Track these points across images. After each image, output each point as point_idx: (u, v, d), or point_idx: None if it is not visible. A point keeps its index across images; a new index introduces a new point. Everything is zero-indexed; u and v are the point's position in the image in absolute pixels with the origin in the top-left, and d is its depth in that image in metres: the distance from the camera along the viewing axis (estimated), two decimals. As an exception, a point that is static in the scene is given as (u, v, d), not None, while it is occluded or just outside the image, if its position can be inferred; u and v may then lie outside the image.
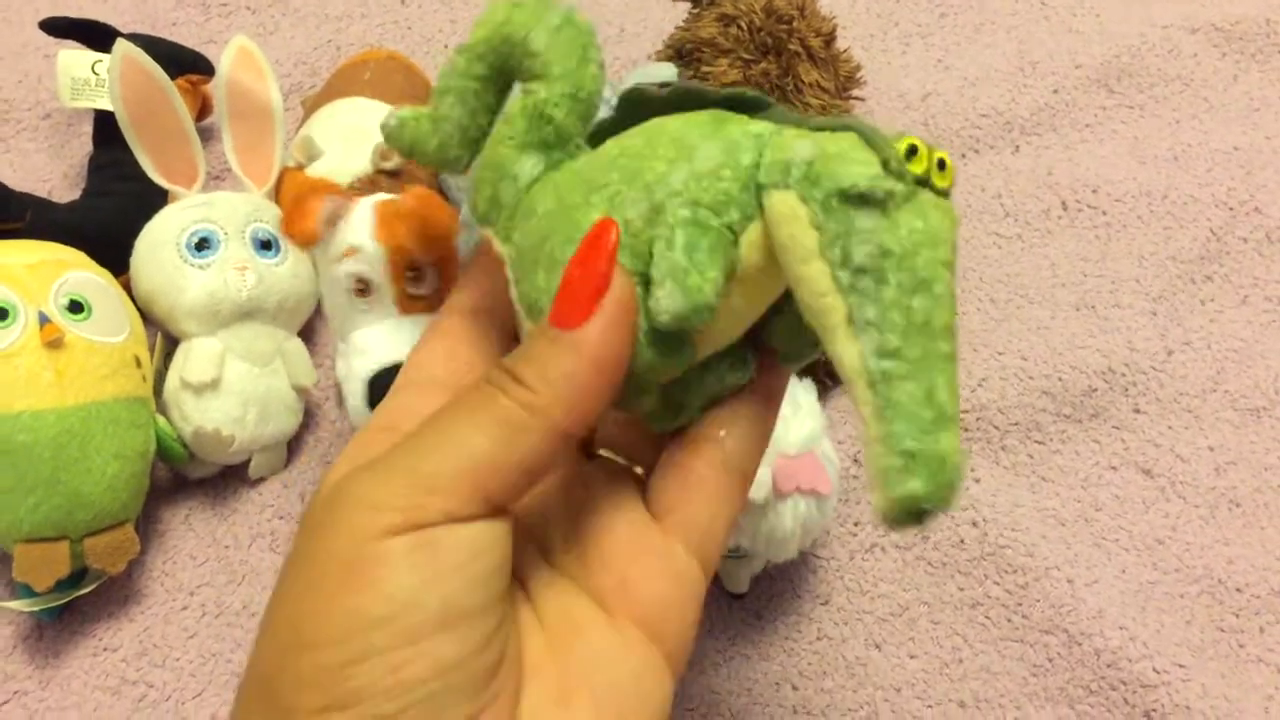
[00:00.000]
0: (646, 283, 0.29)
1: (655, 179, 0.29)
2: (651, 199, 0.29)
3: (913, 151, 0.26)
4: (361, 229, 0.53)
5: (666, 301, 0.28)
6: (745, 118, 0.30)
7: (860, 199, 0.25)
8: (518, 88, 0.34)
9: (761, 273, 0.29)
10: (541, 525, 0.33)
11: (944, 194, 0.26)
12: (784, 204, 0.27)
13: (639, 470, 0.35)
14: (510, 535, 0.29)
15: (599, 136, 0.34)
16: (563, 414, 0.28)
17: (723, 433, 0.33)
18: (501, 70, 0.33)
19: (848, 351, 0.26)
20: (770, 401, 0.34)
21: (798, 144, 0.27)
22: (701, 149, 0.29)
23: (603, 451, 0.35)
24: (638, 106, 0.33)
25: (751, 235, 0.28)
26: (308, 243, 0.55)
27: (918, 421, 0.25)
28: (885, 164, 0.26)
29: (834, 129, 0.28)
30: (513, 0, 0.33)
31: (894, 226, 0.25)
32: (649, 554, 0.31)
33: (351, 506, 0.27)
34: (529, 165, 0.33)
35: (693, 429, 0.33)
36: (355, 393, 0.56)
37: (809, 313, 0.27)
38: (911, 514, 0.25)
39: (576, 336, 0.28)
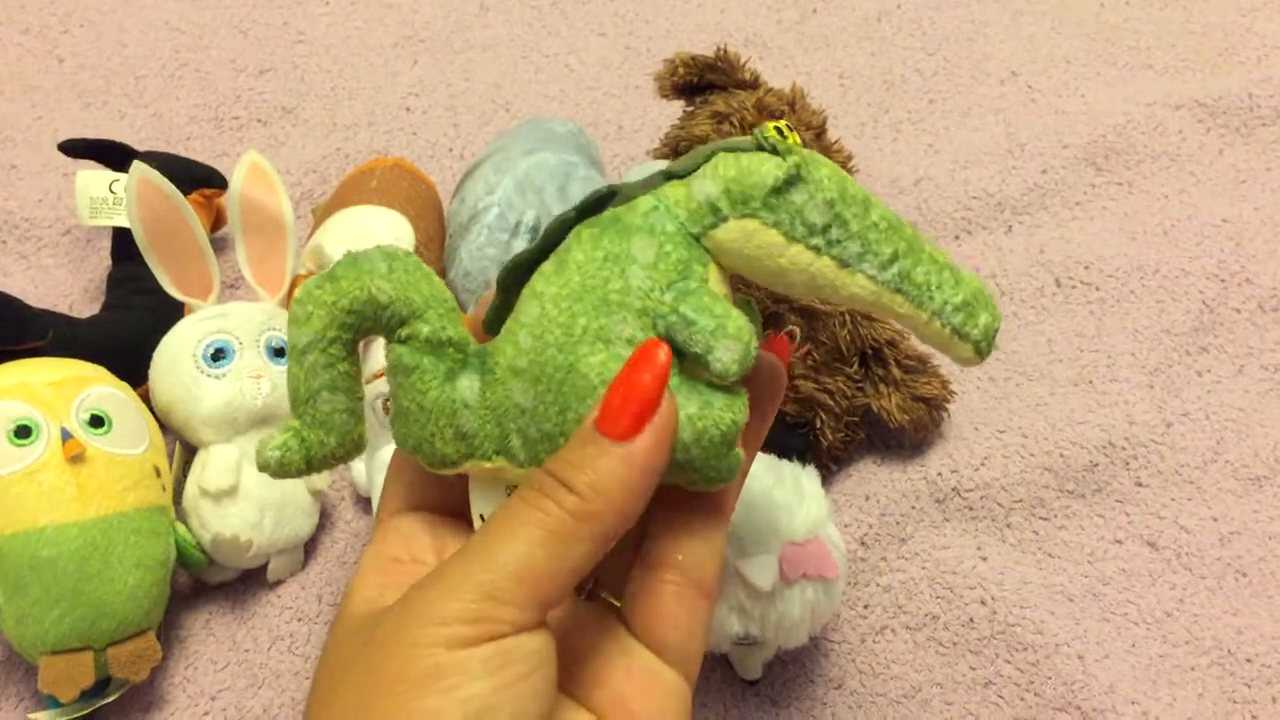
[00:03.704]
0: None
1: (621, 293, 0.32)
2: (633, 308, 0.31)
3: (779, 131, 0.31)
4: None
5: (728, 356, 0.30)
6: (617, 210, 0.33)
7: (786, 185, 0.31)
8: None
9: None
10: None
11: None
12: (736, 231, 0.32)
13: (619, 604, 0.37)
14: (555, 661, 0.31)
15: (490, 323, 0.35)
16: (616, 520, 0.30)
17: (680, 556, 0.34)
18: (355, 339, 0.34)
19: (859, 286, 0.31)
20: (718, 515, 0.35)
21: (697, 187, 0.32)
22: (633, 246, 0.32)
23: (604, 595, 0.37)
24: (511, 276, 0.34)
25: (712, 276, 0.32)
26: None
27: (948, 282, 0.31)
28: (774, 151, 0.31)
29: (702, 161, 0.32)
30: (320, 278, 0.33)
31: (819, 183, 0.31)
32: (640, 672, 0.33)
33: (422, 622, 0.29)
34: (466, 385, 0.33)
35: (651, 553, 0.34)
36: None
37: (805, 289, 0.32)
38: (991, 340, 0.31)
39: (631, 448, 0.30)
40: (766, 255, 0.31)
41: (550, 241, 0.34)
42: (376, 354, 0.59)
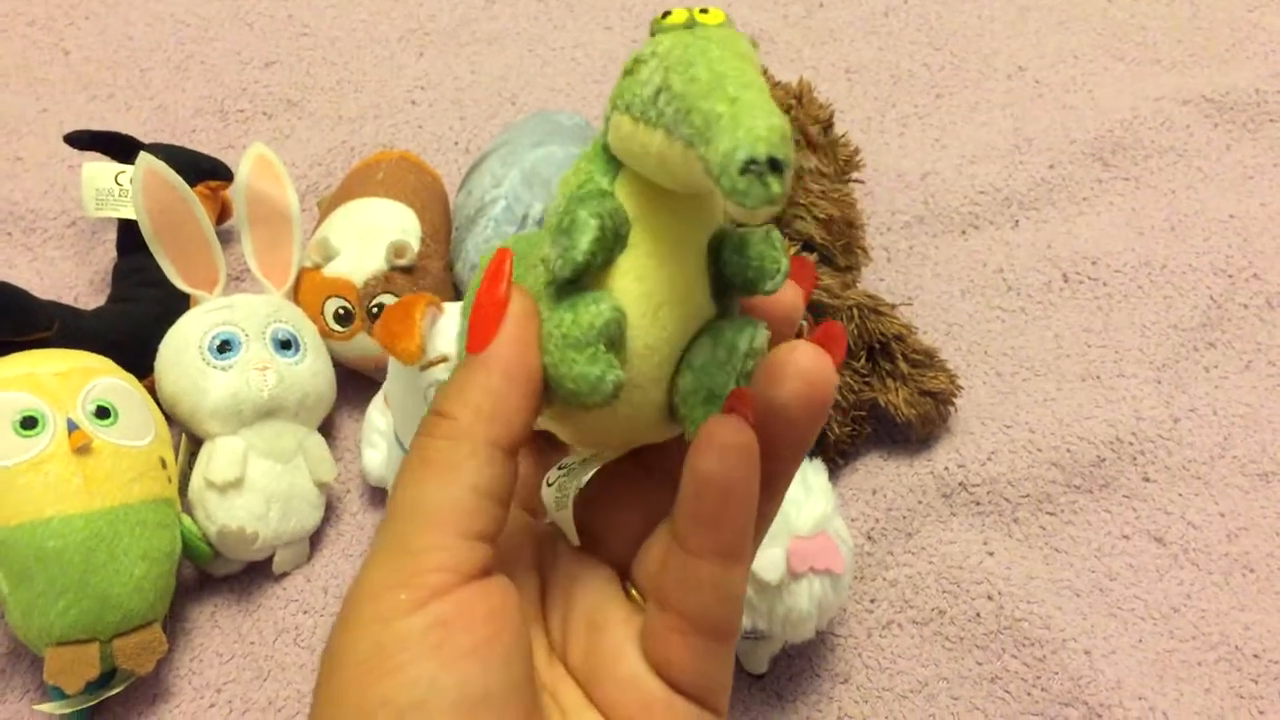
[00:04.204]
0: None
1: (549, 215, 0.31)
2: (549, 225, 0.31)
3: (666, 14, 0.29)
4: (454, 337, 0.55)
5: (553, 253, 0.29)
6: None
7: (635, 63, 0.29)
8: None
9: (653, 212, 0.30)
10: (560, 627, 0.34)
11: (721, 26, 0.29)
12: (610, 129, 0.30)
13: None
14: (522, 621, 0.30)
15: None
16: (486, 427, 0.29)
17: (688, 604, 0.31)
18: None
19: (682, 154, 0.26)
20: (732, 561, 0.31)
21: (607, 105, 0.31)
22: (565, 174, 0.32)
23: (633, 593, 0.34)
24: None
25: (620, 186, 0.30)
26: (412, 361, 0.57)
27: (715, 116, 0.25)
28: (653, 34, 0.29)
29: None
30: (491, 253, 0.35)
31: (660, 55, 0.28)
32: (652, 705, 0.31)
33: (358, 601, 0.29)
34: None
35: (661, 593, 0.31)
36: None
37: (668, 175, 0.28)
38: (736, 173, 0.24)
39: (485, 354, 0.30)
40: (627, 145, 0.29)
41: None
42: (433, 339, 0.58)
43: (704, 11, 0.29)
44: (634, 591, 0.34)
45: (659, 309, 0.30)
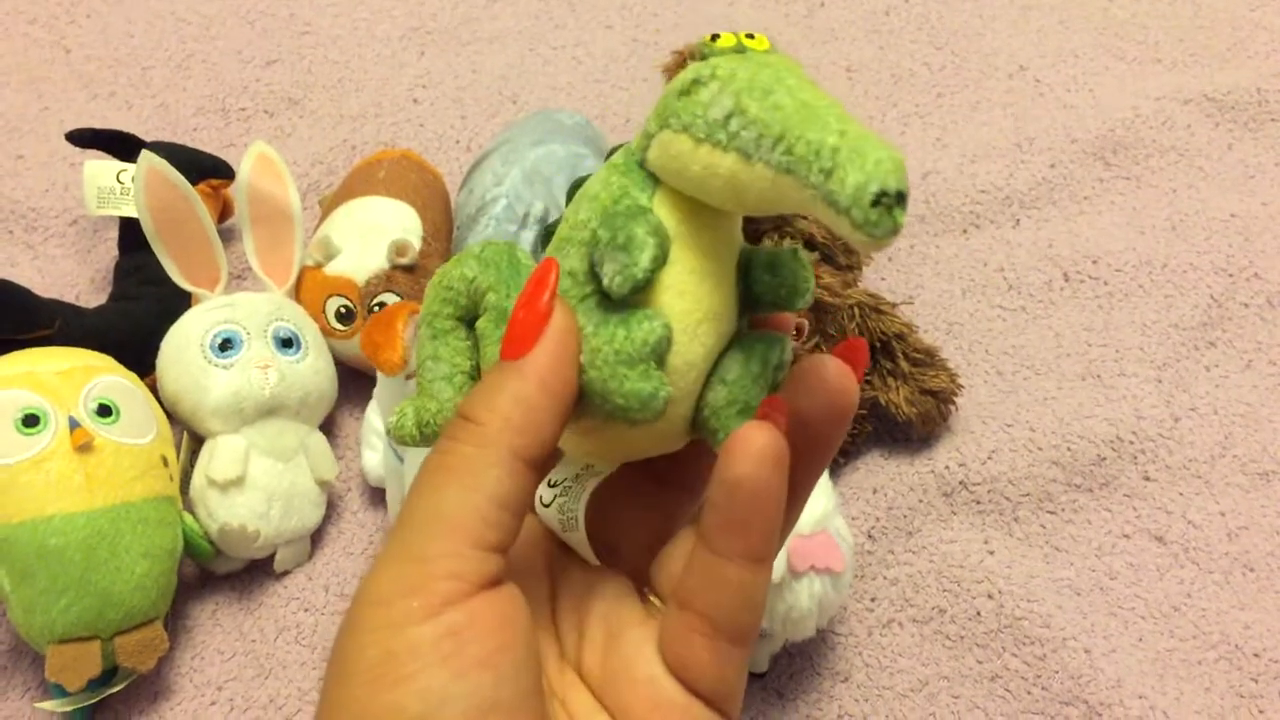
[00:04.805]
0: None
1: (571, 228, 0.31)
2: (576, 240, 0.31)
3: (715, 38, 0.29)
4: None
5: (612, 269, 0.29)
6: None
7: (693, 84, 0.29)
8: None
9: (693, 230, 0.30)
10: (574, 633, 0.33)
11: (768, 51, 0.30)
12: (658, 146, 0.30)
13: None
14: (532, 630, 0.29)
15: None
16: (514, 436, 0.29)
17: (710, 608, 0.31)
18: (460, 316, 0.35)
19: (761, 178, 0.27)
20: (756, 566, 0.31)
21: (647, 123, 0.31)
22: (590, 186, 0.32)
23: (653, 598, 0.34)
24: (544, 244, 0.35)
25: (658, 202, 0.30)
26: (395, 372, 0.57)
27: (828, 148, 0.25)
28: (702, 57, 0.29)
29: None
30: (447, 265, 0.35)
31: (726, 77, 0.28)
32: (665, 706, 0.31)
33: (369, 606, 0.28)
34: None
35: (683, 594, 0.31)
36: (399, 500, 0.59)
37: (730, 198, 0.29)
38: (868, 205, 0.25)
39: (522, 362, 0.29)
40: (683, 165, 0.29)
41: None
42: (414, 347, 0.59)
43: (750, 36, 0.29)
44: (652, 598, 0.34)
45: (698, 325, 0.30)
